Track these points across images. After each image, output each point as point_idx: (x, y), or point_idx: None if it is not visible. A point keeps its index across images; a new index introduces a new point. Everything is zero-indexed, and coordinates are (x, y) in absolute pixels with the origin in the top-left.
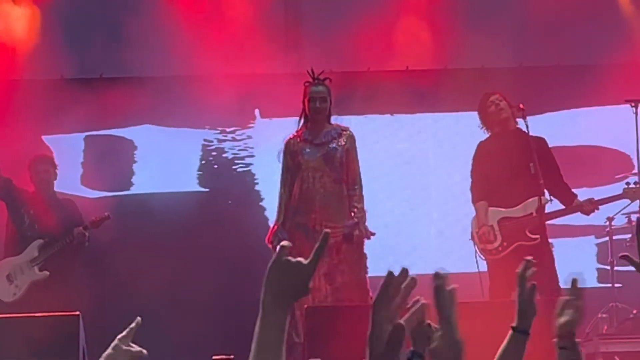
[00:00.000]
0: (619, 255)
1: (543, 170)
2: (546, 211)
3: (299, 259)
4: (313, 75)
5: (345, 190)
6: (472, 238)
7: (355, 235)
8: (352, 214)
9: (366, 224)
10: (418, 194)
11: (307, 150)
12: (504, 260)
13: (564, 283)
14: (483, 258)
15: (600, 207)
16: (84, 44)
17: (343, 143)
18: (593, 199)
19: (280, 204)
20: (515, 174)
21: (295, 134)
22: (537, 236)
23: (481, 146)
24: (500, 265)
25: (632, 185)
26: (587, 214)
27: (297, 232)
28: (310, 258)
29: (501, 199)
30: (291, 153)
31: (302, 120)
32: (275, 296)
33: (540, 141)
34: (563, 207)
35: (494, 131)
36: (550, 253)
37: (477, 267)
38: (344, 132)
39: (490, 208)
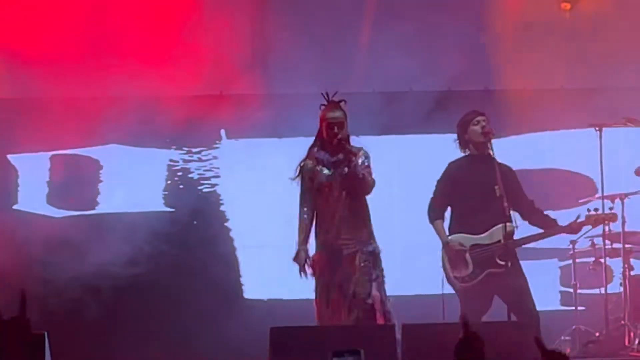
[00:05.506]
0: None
1: (513, 198)
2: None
3: None
4: (328, 97)
5: (363, 205)
6: (443, 266)
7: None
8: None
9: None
10: (382, 216)
11: (325, 171)
12: (474, 287)
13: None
14: (455, 285)
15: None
16: (53, 64)
17: (360, 162)
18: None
19: (300, 224)
20: (481, 198)
21: (310, 155)
22: (507, 263)
23: (451, 166)
24: (470, 292)
25: (592, 212)
26: (576, 232)
27: (321, 252)
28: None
29: (470, 225)
30: (309, 173)
31: (319, 143)
32: None
33: (508, 169)
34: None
35: (468, 150)
36: (522, 277)
37: (442, 289)
38: (360, 152)
39: (461, 234)
